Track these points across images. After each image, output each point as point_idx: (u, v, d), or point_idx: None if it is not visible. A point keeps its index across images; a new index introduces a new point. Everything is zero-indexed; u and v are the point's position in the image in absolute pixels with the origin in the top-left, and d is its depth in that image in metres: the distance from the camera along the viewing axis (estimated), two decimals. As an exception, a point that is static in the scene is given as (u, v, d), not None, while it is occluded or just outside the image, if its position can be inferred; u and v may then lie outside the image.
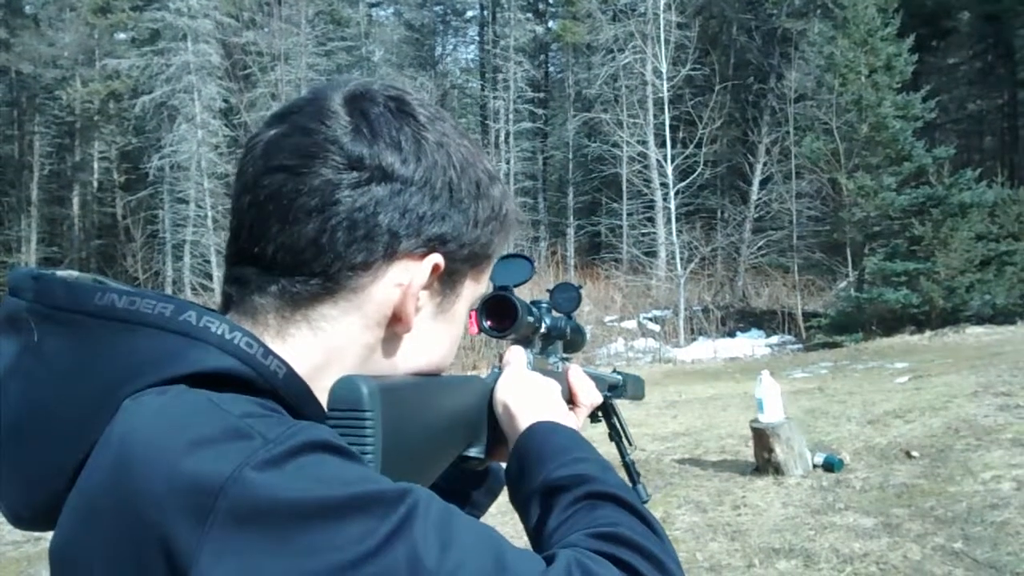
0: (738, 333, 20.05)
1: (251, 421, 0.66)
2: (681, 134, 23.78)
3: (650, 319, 20.93)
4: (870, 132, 18.76)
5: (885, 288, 17.21)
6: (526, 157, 31.84)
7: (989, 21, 25.17)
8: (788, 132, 23.58)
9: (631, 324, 20.49)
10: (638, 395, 1.56)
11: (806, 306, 20.11)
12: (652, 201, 24.96)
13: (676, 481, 7.21)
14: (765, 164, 25.37)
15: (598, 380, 1.33)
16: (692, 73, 24.22)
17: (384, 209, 0.77)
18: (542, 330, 1.08)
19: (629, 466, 1.41)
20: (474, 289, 0.88)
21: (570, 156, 31.73)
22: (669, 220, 23.61)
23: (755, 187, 25.54)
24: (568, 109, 31.65)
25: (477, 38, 38.04)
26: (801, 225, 23.40)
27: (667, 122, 23.84)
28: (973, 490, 6.04)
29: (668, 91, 24.03)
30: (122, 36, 32.59)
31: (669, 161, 23.46)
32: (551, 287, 1.25)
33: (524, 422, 0.94)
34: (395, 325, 0.81)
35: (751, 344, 18.99)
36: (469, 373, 1.17)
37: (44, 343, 0.72)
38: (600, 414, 1.38)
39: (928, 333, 15.97)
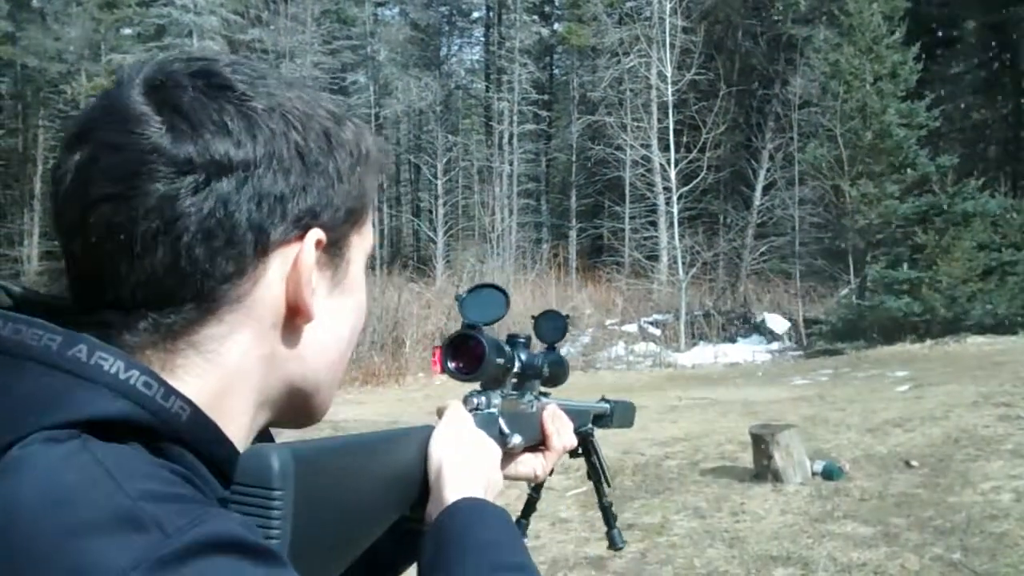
0: (739, 339, 20.04)
1: (148, 507, 0.56)
2: (685, 138, 23.77)
3: (651, 323, 20.91)
4: (874, 140, 18.74)
5: (887, 296, 17.18)
6: (529, 159, 31.84)
7: (995, 31, 25.16)
8: (792, 138, 23.56)
9: (632, 328, 20.48)
10: (627, 423, 1.50)
11: (807, 313, 20.09)
12: (655, 205, 24.95)
13: (674, 487, 7.20)
14: (768, 170, 25.35)
15: (581, 413, 1.27)
16: (697, 78, 24.21)
17: (236, 205, 0.67)
18: (515, 369, 1.01)
19: (605, 509, 1.37)
20: (361, 244, 0.78)
21: (573, 159, 31.73)
22: (671, 224, 23.59)
23: (758, 192, 25.53)
24: (572, 112, 31.64)
25: (482, 39, 38.06)
26: (803, 231, 23.38)
27: (671, 126, 23.83)
28: (972, 500, 6.03)
29: (672, 95, 24.03)
30: (128, 31, 32.59)
31: (672, 165, 23.46)
32: (536, 314, 1.19)
33: (450, 494, 0.84)
34: (295, 319, 0.72)
35: (752, 350, 18.98)
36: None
37: None
38: (579, 451, 1.29)
39: (929, 342, 15.95)
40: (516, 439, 0.96)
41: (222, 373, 0.70)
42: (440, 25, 37.63)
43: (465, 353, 0.94)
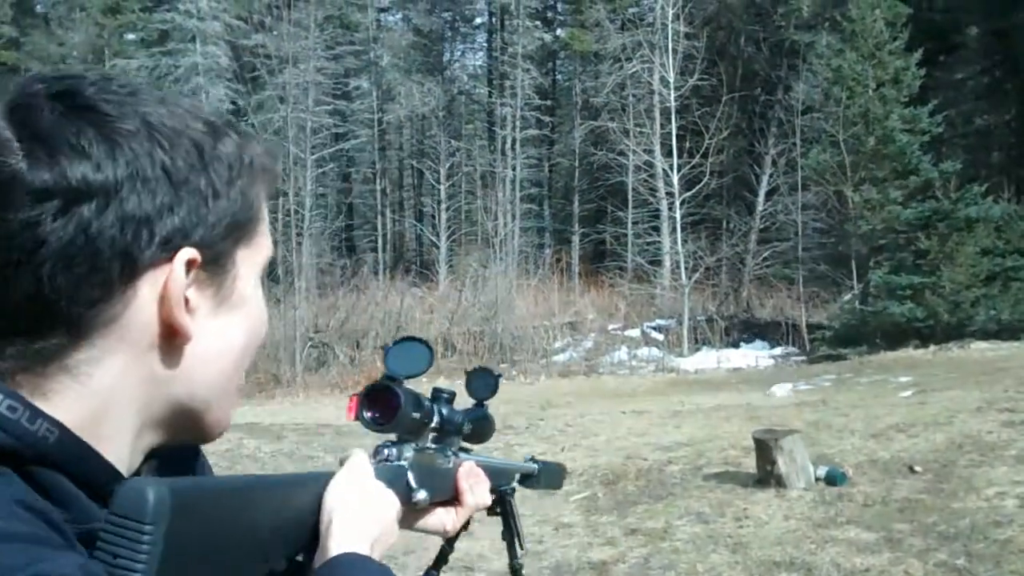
0: (742, 344, 20.04)
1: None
2: (688, 144, 23.78)
3: (654, 328, 20.92)
4: (877, 145, 18.75)
5: (890, 301, 17.18)
6: (532, 164, 31.85)
7: (998, 36, 25.17)
8: (795, 144, 23.57)
9: (635, 333, 20.49)
10: (554, 485, 1.47)
11: (810, 318, 20.08)
12: (658, 210, 24.96)
13: (677, 492, 7.19)
14: (771, 175, 25.36)
15: (502, 472, 1.26)
16: (699, 83, 24.23)
17: (98, 231, 0.65)
18: (433, 424, 1.00)
19: (516, 570, 1.36)
20: (253, 256, 0.76)
21: (576, 164, 31.73)
22: (674, 229, 23.59)
23: (761, 198, 25.53)
24: (575, 117, 31.66)
25: (485, 45, 38.09)
26: (806, 237, 23.38)
27: (674, 132, 23.84)
28: (976, 507, 6.01)
29: (675, 101, 24.05)
30: (131, 37, 32.67)
31: (675, 171, 23.47)
32: (470, 370, 1.20)
33: (334, 547, 0.81)
34: (173, 340, 0.71)
35: (755, 355, 18.97)
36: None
37: None
38: (497, 509, 1.30)
39: (932, 348, 15.94)
40: (421, 495, 0.93)
41: (97, 396, 0.69)
42: (443, 31, 37.67)
43: (381, 404, 0.93)
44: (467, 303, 20.20)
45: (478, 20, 38.52)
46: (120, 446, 0.71)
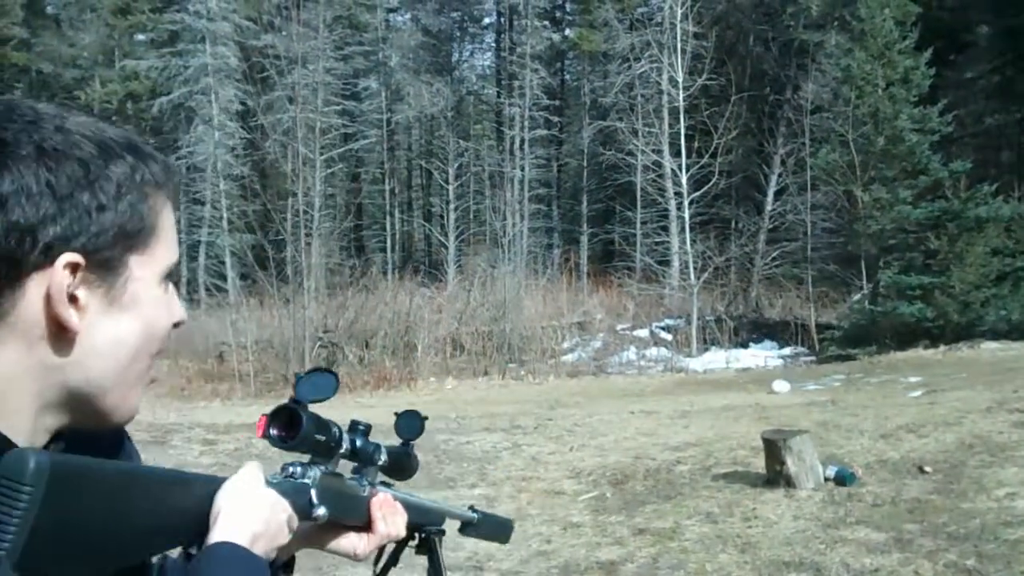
0: (751, 344, 19.98)
1: None
2: (696, 144, 23.74)
3: (663, 328, 20.87)
4: (886, 145, 18.68)
5: (900, 301, 17.13)
6: (541, 164, 31.85)
7: (1008, 35, 25.04)
8: (804, 143, 23.49)
9: (643, 333, 20.45)
10: (499, 538, 1.53)
11: (820, 318, 20.02)
12: (666, 210, 24.93)
13: (686, 491, 7.19)
14: (780, 175, 25.31)
15: (429, 512, 1.32)
16: (708, 83, 24.19)
17: None
18: (343, 451, 1.07)
19: None
20: (149, 262, 0.86)
21: (585, 164, 31.73)
22: (683, 229, 23.56)
23: (770, 198, 25.48)
24: (583, 117, 31.66)
25: (494, 45, 38.13)
26: (816, 237, 23.32)
27: (682, 131, 23.81)
28: (987, 507, 6.00)
29: (684, 100, 24.02)
30: (141, 37, 32.83)
31: (684, 170, 23.44)
32: (400, 412, 1.26)
33: (217, 534, 0.89)
34: (62, 332, 0.80)
35: (764, 355, 18.93)
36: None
37: None
38: (424, 549, 1.35)
39: (942, 348, 15.89)
40: (321, 511, 1.00)
41: None
42: (451, 31, 37.73)
43: (286, 423, 1.01)
44: (476, 303, 20.18)
45: (486, 20, 38.60)
46: (19, 423, 0.80)
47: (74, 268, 0.79)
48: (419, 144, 37.82)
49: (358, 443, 1.10)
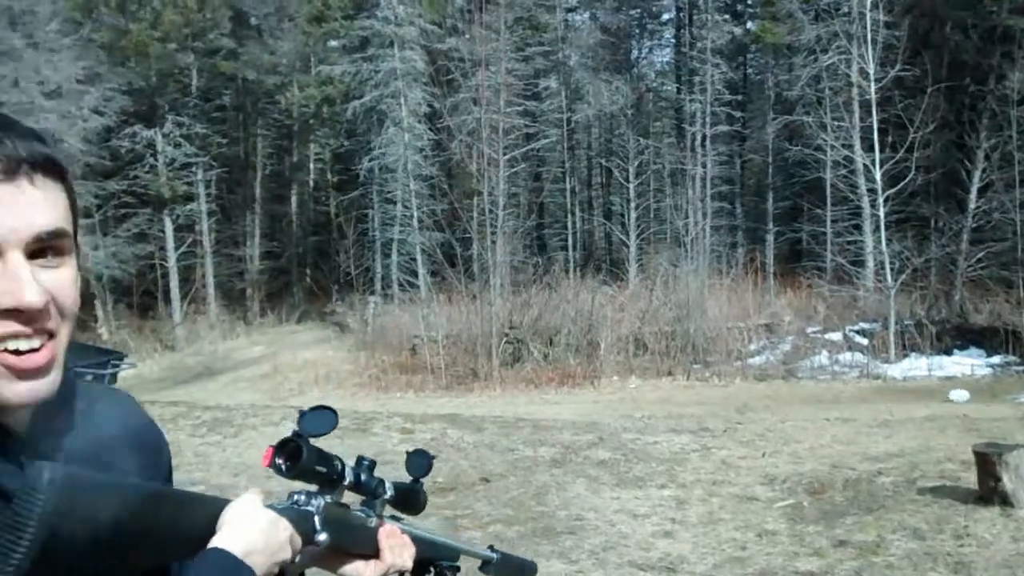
0: (955, 351, 18.83)
1: None
2: (890, 138, 22.61)
3: (857, 332, 19.97)
4: (1109, 137, 17.20)
5: (1124, 307, 15.75)
6: (723, 161, 31.21)
7: None
8: (1010, 136, 21.98)
9: (836, 336, 19.66)
10: None
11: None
12: (859, 208, 23.87)
13: (890, 504, 6.95)
14: (984, 170, 23.71)
15: (442, 547, 1.34)
16: (902, 74, 22.98)
17: None
18: (345, 483, 1.14)
19: None
20: None
21: (769, 160, 30.85)
22: (877, 228, 22.50)
23: (973, 195, 23.91)
24: (767, 112, 30.76)
25: (673, 41, 37.66)
26: (1026, 237, 21.77)
27: (875, 125, 22.74)
28: None
29: (876, 93, 22.93)
30: (334, 43, 34.42)
31: (877, 166, 22.39)
32: (410, 450, 1.30)
33: (216, 541, 0.96)
34: None
35: (970, 363, 17.82)
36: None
37: None
38: None
39: None
40: (323, 536, 1.07)
41: None
42: (630, 28, 37.55)
43: (289, 454, 1.08)
44: (658, 302, 20.05)
45: (665, 16, 38.15)
46: None
47: None
48: (599, 142, 37.89)
49: (362, 477, 1.17)
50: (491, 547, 1.48)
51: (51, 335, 0.91)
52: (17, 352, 0.88)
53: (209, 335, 28.05)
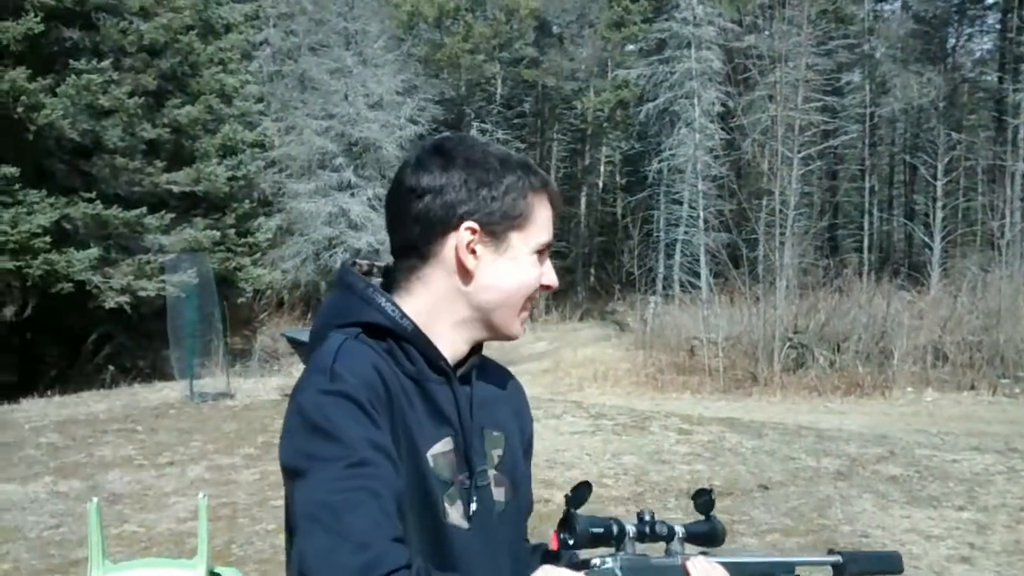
0: None
1: (335, 365, 1.19)
2: None
3: None
4: None
5: None
6: (1050, 156, 28.19)
7: None
8: None
9: None
10: (884, 573, 1.46)
11: None
12: None
13: None
14: None
15: (760, 566, 1.38)
16: None
17: (429, 208, 1.28)
18: (631, 535, 1.28)
19: None
20: (524, 238, 1.31)
21: (1107, 156, 27.47)
22: None
23: None
24: (1106, 102, 27.42)
25: (997, 26, 34.47)
26: None
27: None
28: None
29: None
30: (632, 47, 35.02)
31: None
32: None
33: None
34: (465, 269, 1.28)
35: None
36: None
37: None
38: None
39: None
40: None
41: (431, 294, 1.31)
42: (948, 15, 34.87)
43: (569, 528, 1.27)
44: (963, 309, 18.59)
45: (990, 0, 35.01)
46: (443, 334, 1.31)
47: (473, 231, 1.28)
48: (904, 138, 35.59)
49: (647, 529, 1.30)
50: (830, 550, 1.45)
51: None
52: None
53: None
